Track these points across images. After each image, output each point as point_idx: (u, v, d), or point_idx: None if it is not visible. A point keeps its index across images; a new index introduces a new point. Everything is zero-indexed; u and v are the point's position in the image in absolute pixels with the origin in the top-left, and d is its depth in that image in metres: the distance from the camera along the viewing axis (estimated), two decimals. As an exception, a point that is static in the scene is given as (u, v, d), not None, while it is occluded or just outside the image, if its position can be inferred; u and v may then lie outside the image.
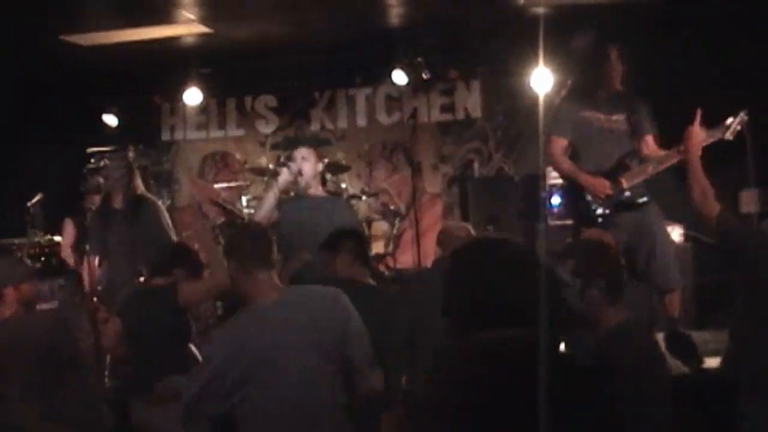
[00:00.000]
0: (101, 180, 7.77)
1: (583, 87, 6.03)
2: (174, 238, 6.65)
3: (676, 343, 5.78)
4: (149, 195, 6.99)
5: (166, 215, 6.81)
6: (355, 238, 5.13)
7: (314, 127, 10.08)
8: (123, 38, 8.12)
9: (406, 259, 8.95)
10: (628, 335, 3.35)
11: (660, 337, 5.74)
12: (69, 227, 7.67)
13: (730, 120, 5.43)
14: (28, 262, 6.91)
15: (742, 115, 5.42)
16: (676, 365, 5.62)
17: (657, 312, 5.99)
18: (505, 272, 2.41)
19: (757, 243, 4.10)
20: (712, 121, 5.47)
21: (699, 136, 5.03)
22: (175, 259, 5.46)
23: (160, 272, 5.36)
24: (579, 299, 3.38)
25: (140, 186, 6.84)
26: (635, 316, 3.52)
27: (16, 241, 7.73)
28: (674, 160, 5.62)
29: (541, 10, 7.72)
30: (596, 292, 3.36)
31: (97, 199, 7.63)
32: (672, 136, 5.80)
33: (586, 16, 7.39)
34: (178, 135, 10.36)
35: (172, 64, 9.25)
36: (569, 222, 6.04)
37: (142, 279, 6.04)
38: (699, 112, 5.12)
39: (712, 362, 5.60)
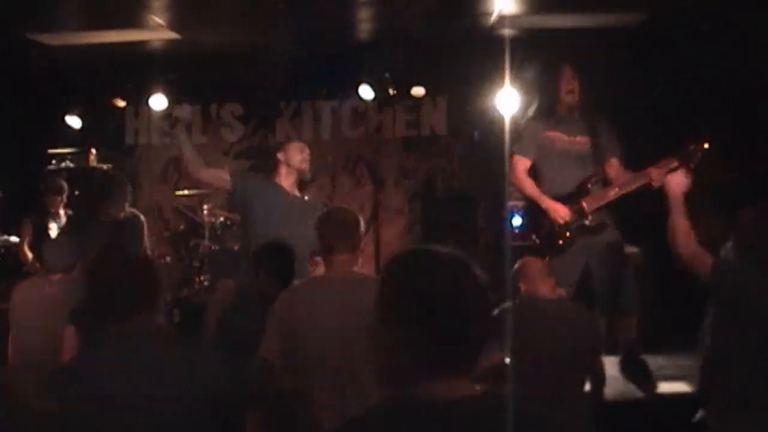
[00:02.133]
0: (62, 182, 7.73)
1: (547, 107, 6.08)
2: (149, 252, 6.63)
3: (631, 367, 5.82)
4: (136, 212, 6.98)
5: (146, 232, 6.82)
6: None
7: (279, 137, 9.99)
8: (91, 40, 8.05)
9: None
10: None
11: (615, 361, 5.79)
12: (27, 228, 7.59)
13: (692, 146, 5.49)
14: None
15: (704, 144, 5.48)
16: (631, 390, 5.67)
17: (613, 336, 6.02)
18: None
19: (757, 287, 3.97)
20: (675, 145, 5.56)
21: (680, 182, 4.43)
22: None
23: None
24: None
25: (128, 202, 6.81)
26: None
27: (-27, 241, 7.64)
28: (637, 185, 5.69)
29: (509, 32, 7.78)
30: None
31: (57, 200, 7.57)
32: (639, 158, 5.88)
33: (553, 38, 7.46)
34: (142, 139, 10.27)
35: (138, 68, 9.18)
36: (529, 243, 6.05)
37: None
38: (675, 163, 4.79)
39: (666, 387, 5.65)
